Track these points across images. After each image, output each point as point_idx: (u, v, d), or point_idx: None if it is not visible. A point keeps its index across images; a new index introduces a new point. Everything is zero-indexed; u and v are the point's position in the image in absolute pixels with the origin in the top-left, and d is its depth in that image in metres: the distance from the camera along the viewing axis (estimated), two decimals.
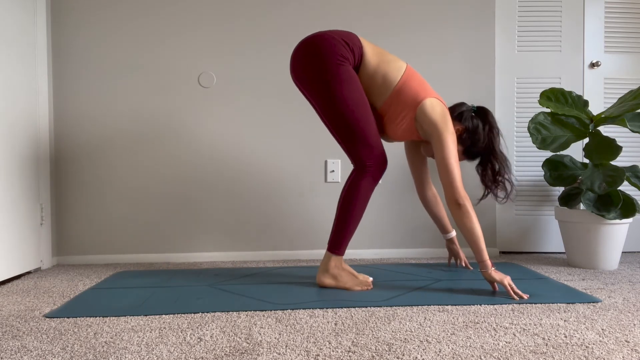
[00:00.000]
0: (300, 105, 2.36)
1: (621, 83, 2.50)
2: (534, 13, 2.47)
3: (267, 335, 1.24)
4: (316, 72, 1.64)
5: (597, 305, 1.50)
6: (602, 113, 2.08)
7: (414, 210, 2.42)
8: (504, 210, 2.49)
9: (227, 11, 2.35)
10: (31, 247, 2.09)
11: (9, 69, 1.94)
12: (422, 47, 2.41)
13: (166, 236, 2.35)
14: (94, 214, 2.33)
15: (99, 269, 2.17)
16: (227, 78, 2.36)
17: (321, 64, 1.63)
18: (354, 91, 1.64)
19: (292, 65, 1.72)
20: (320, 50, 1.64)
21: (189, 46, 2.34)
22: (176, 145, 2.34)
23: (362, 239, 2.40)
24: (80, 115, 2.32)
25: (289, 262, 2.29)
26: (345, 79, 1.63)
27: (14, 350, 1.15)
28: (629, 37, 2.49)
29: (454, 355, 1.09)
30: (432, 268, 2.09)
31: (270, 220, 2.38)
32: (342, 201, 1.71)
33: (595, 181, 1.98)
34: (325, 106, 1.66)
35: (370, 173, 1.69)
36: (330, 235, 1.73)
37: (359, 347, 1.15)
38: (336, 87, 1.62)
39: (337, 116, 1.65)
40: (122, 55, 2.33)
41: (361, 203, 1.69)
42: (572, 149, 2.45)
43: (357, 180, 1.69)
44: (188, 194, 2.35)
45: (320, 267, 1.75)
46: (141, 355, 1.11)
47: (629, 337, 1.21)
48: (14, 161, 1.98)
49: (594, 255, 2.07)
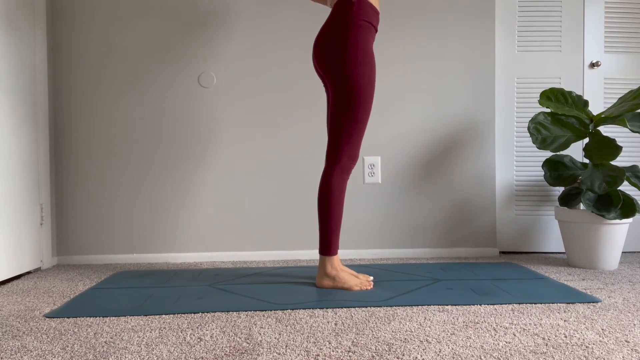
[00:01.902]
0: (300, 106, 2.36)
1: (621, 83, 2.50)
2: (534, 13, 2.47)
3: (267, 335, 1.24)
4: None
5: (597, 305, 1.50)
6: (602, 113, 2.08)
7: (414, 210, 2.42)
8: (504, 210, 2.49)
9: (227, 11, 2.35)
10: (31, 247, 2.09)
11: (8, 67, 1.94)
12: (422, 47, 2.41)
13: (166, 236, 2.35)
14: (94, 214, 2.33)
15: (99, 269, 2.17)
16: (227, 78, 2.36)
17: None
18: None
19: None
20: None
21: (189, 46, 2.34)
22: (176, 145, 2.34)
23: (362, 239, 2.40)
24: (80, 115, 2.32)
25: (289, 262, 2.29)
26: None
27: (14, 350, 1.15)
28: (629, 37, 2.49)
29: (454, 355, 1.09)
30: (432, 268, 2.09)
31: (270, 220, 2.38)
32: (318, 202, 1.74)
33: (595, 181, 1.98)
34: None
35: (340, 168, 1.72)
36: (319, 238, 1.75)
37: (359, 347, 1.15)
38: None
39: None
40: (122, 55, 2.33)
41: (337, 200, 1.71)
42: (572, 149, 2.45)
43: (327, 178, 1.72)
44: (188, 193, 2.35)
45: (318, 271, 1.76)
46: (141, 355, 1.11)
47: (629, 337, 1.21)
48: (14, 161, 1.97)
49: (594, 255, 2.07)
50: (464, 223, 2.43)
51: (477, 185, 2.43)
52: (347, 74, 1.65)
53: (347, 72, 1.65)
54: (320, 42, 1.73)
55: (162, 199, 2.34)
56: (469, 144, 2.42)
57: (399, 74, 2.40)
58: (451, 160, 2.42)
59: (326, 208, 1.72)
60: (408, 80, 2.40)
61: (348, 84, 1.65)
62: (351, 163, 1.73)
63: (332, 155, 1.72)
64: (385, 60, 2.39)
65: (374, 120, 2.39)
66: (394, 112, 2.40)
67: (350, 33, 1.66)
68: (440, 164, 2.42)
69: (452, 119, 2.41)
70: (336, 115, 1.69)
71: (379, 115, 2.40)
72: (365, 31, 1.68)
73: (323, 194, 1.72)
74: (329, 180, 1.71)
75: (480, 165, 2.43)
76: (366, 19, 1.68)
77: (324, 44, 1.71)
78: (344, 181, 1.73)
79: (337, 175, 1.71)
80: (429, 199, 2.42)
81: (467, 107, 2.42)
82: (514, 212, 2.50)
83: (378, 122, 2.40)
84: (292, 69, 2.37)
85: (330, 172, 1.72)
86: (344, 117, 1.68)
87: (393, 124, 2.40)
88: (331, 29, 1.70)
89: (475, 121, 2.42)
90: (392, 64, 2.40)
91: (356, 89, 1.65)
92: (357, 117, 1.68)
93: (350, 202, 2.40)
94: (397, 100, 2.40)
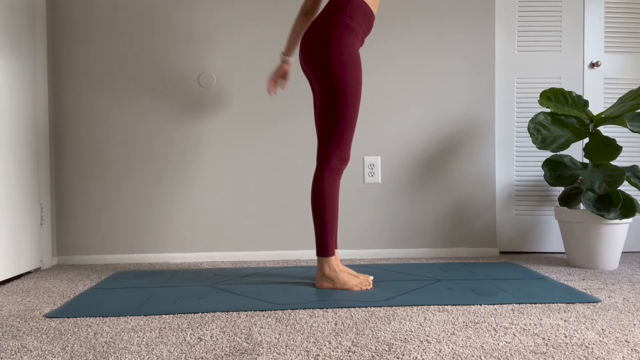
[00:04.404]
0: (300, 105, 2.36)
1: (621, 83, 2.50)
2: (534, 13, 2.47)
3: (267, 335, 1.24)
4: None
5: (597, 305, 1.50)
6: (602, 113, 2.08)
7: (414, 210, 2.42)
8: (504, 210, 2.49)
9: (227, 11, 2.35)
10: (31, 247, 2.09)
11: (9, 69, 1.94)
12: (422, 47, 2.41)
13: (166, 236, 2.35)
14: (94, 213, 2.33)
15: (99, 269, 2.17)
16: (227, 78, 2.36)
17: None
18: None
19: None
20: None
21: (189, 46, 2.34)
22: (176, 145, 2.34)
23: (362, 239, 2.40)
24: (80, 115, 2.32)
25: (289, 262, 2.29)
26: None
27: (14, 350, 1.15)
28: (629, 37, 2.49)
29: (454, 355, 1.09)
30: (432, 268, 2.09)
31: (270, 220, 2.38)
32: (312, 204, 1.73)
33: (595, 181, 1.98)
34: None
35: (331, 169, 1.71)
36: (315, 240, 1.75)
37: (359, 347, 1.15)
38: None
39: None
40: (121, 55, 2.33)
41: (329, 201, 1.71)
42: (572, 149, 2.45)
43: (319, 180, 1.71)
44: (188, 193, 2.35)
45: (317, 273, 1.76)
46: (141, 355, 1.11)
47: (629, 337, 1.21)
48: (14, 161, 1.97)
49: (594, 255, 2.07)
50: (464, 223, 2.43)
51: (477, 185, 2.43)
52: (333, 74, 1.65)
53: (333, 72, 1.65)
54: (308, 41, 1.72)
55: (162, 199, 2.34)
56: (469, 144, 2.42)
57: (399, 73, 2.40)
58: (451, 160, 2.42)
59: (319, 209, 1.71)
60: (408, 80, 2.40)
61: (335, 84, 1.65)
62: (342, 164, 1.73)
63: (322, 157, 1.72)
64: (386, 60, 2.39)
65: (374, 121, 2.39)
66: (394, 112, 2.40)
67: (334, 32, 1.66)
68: (440, 163, 2.42)
69: (452, 119, 2.41)
70: (324, 116, 1.69)
71: (379, 115, 2.40)
72: (351, 31, 1.68)
73: (315, 196, 1.72)
74: (320, 182, 1.71)
75: (480, 165, 2.43)
76: (355, 18, 1.68)
77: (309, 42, 1.70)
78: (335, 182, 1.73)
79: (327, 176, 1.71)
80: (429, 199, 2.42)
81: (467, 107, 2.42)
82: (514, 212, 2.50)
83: (378, 122, 2.40)
84: (293, 68, 2.36)
85: (321, 174, 1.71)
86: (332, 118, 1.67)
87: (393, 124, 2.40)
88: (317, 27, 1.70)
89: (475, 121, 2.42)
90: (392, 63, 2.40)
91: (343, 89, 1.65)
92: (345, 117, 1.67)
93: (350, 202, 2.40)
94: (397, 100, 2.40)
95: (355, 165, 2.40)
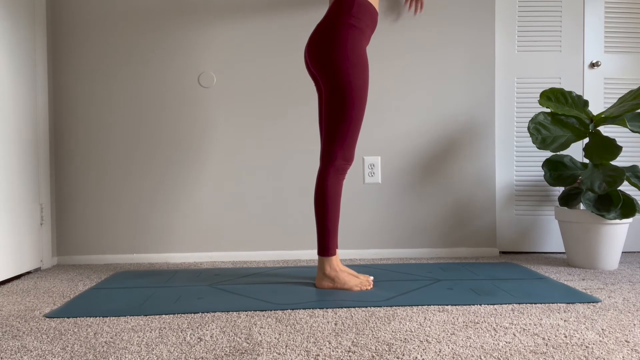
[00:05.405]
0: (301, 105, 2.36)
1: (621, 83, 2.50)
2: (534, 13, 2.47)
3: (267, 335, 1.24)
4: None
5: (597, 305, 1.50)
6: (602, 113, 2.08)
7: (414, 210, 2.42)
8: (504, 210, 2.49)
9: (227, 11, 2.35)
10: (31, 247, 2.09)
11: (9, 69, 1.94)
12: (422, 47, 2.40)
13: (166, 236, 2.35)
14: (94, 214, 2.33)
15: (99, 269, 2.17)
16: (227, 78, 2.36)
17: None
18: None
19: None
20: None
21: (189, 46, 2.34)
22: (176, 145, 2.34)
23: (362, 239, 2.40)
24: (80, 115, 2.32)
25: (289, 262, 2.29)
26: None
27: (14, 350, 1.15)
28: (629, 37, 2.49)
29: (454, 355, 1.09)
30: (432, 268, 2.09)
31: (270, 220, 2.38)
32: (315, 204, 1.74)
33: (595, 181, 1.98)
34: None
35: (335, 168, 1.71)
36: (317, 239, 1.75)
37: (359, 347, 1.15)
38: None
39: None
40: (121, 56, 2.33)
41: (333, 201, 1.71)
42: (572, 149, 2.45)
43: (322, 179, 1.72)
44: (188, 193, 2.35)
45: (317, 272, 1.76)
46: (141, 355, 1.11)
47: (629, 337, 1.21)
48: (14, 161, 1.97)
49: (594, 255, 2.07)
50: (464, 223, 2.43)
51: (477, 185, 2.43)
52: (340, 74, 1.65)
53: (340, 72, 1.65)
54: (313, 41, 1.72)
55: (162, 199, 2.34)
56: (469, 144, 2.42)
57: (399, 73, 2.40)
58: (451, 160, 2.42)
59: (322, 209, 1.72)
60: (408, 79, 2.40)
61: (341, 84, 1.65)
62: (346, 164, 1.73)
63: (326, 156, 1.72)
64: (386, 60, 2.39)
65: (374, 120, 2.39)
66: (394, 112, 2.40)
67: (341, 33, 1.66)
68: (440, 163, 2.42)
69: (452, 119, 2.41)
70: (330, 116, 1.69)
71: (379, 115, 2.40)
72: (358, 32, 1.68)
73: (319, 195, 1.72)
74: (324, 181, 1.71)
75: (480, 165, 2.43)
76: (361, 19, 1.68)
77: (316, 43, 1.71)
78: (339, 182, 1.73)
79: (332, 176, 1.71)
80: (429, 199, 2.42)
81: (467, 107, 2.42)
82: (513, 212, 2.50)
83: (378, 122, 2.40)
84: (292, 68, 2.37)
85: (325, 173, 1.72)
86: (338, 118, 1.67)
87: (393, 123, 2.40)
88: (324, 28, 1.70)
89: (475, 121, 2.42)
90: (392, 63, 2.40)
91: (349, 89, 1.65)
92: (352, 117, 1.67)
93: (350, 202, 2.40)
94: (397, 100, 2.40)
95: (355, 165, 2.40)
